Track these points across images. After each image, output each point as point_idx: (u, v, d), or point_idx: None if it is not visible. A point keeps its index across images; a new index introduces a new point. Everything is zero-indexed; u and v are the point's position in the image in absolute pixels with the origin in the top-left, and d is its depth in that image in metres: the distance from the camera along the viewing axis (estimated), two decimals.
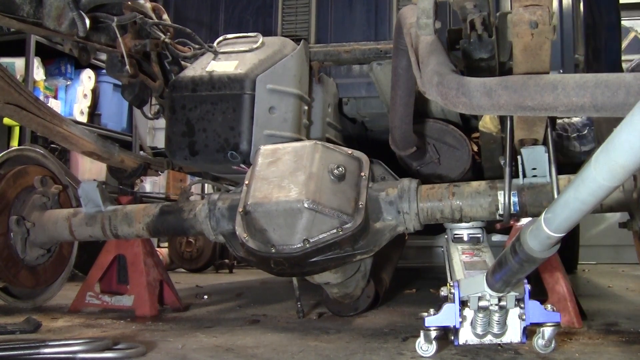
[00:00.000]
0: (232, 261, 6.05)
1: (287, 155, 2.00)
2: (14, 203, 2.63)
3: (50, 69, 5.13)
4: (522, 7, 1.48)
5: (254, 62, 2.50)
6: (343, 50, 2.90)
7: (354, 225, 1.87)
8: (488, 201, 2.03)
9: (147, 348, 1.77)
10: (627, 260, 6.70)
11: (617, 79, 1.21)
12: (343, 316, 2.58)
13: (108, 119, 5.69)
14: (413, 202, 2.03)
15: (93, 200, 2.53)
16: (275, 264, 1.91)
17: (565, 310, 2.22)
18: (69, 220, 2.57)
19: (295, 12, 3.20)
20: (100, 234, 2.52)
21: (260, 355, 1.76)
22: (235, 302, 3.24)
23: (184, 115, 2.50)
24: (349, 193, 1.94)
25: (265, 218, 1.85)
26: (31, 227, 2.63)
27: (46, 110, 2.56)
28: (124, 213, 2.49)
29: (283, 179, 1.91)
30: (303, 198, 1.81)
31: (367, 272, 2.33)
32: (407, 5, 2.15)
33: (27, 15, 2.03)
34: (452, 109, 1.39)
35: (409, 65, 1.82)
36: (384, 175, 2.19)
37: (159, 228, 2.42)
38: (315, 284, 2.25)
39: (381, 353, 1.78)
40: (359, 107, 3.26)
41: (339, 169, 1.92)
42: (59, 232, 2.60)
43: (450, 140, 2.81)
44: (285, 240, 1.86)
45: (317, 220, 1.83)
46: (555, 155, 2.00)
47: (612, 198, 1.99)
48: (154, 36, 2.62)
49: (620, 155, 0.86)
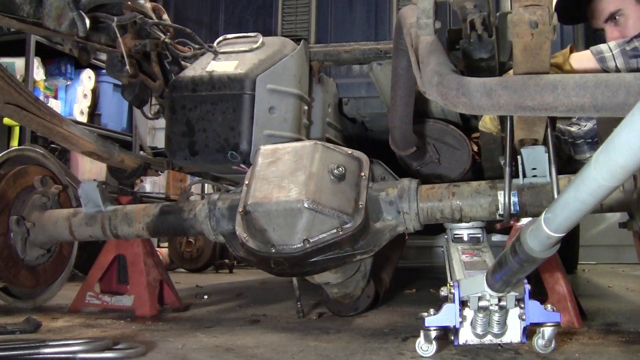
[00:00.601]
0: (232, 261, 6.05)
1: (287, 155, 2.00)
2: (14, 203, 2.63)
3: (50, 69, 5.12)
4: (522, 7, 1.48)
5: (254, 62, 2.50)
6: (343, 50, 2.90)
7: (354, 225, 1.87)
8: (488, 201, 2.03)
9: (147, 348, 1.77)
10: (627, 260, 6.70)
11: (617, 79, 1.21)
12: (343, 316, 2.58)
13: (108, 119, 5.69)
14: (413, 202, 2.02)
15: (93, 200, 2.54)
16: (275, 264, 1.91)
17: (565, 310, 2.22)
18: (69, 220, 2.57)
19: (295, 12, 3.21)
20: (100, 234, 2.53)
21: (260, 355, 1.76)
22: (235, 302, 3.24)
23: (184, 115, 2.50)
24: (349, 193, 1.94)
25: (265, 218, 1.85)
26: (31, 227, 2.63)
27: (46, 110, 2.56)
28: (124, 213, 2.49)
29: (283, 179, 1.91)
30: (303, 198, 1.81)
31: (367, 272, 2.33)
32: (407, 5, 2.15)
33: (27, 15, 2.03)
34: (452, 109, 1.39)
35: (409, 65, 1.82)
36: (384, 175, 2.18)
37: (159, 228, 2.43)
38: (315, 284, 2.25)
39: (381, 353, 1.78)
40: (359, 107, 3.26)
41: (339, 169, 1.92)
42: (59, 232, 2.60)
43: (450, 140, 2.81)
44: (285, 240, 1.86)
45: (317, 220, 1.83)
46: (555, 155, 2.00)
47: (612, 198, 1.99)
48: (154, 36, 2.62)
49: (620, 155, 0.86)
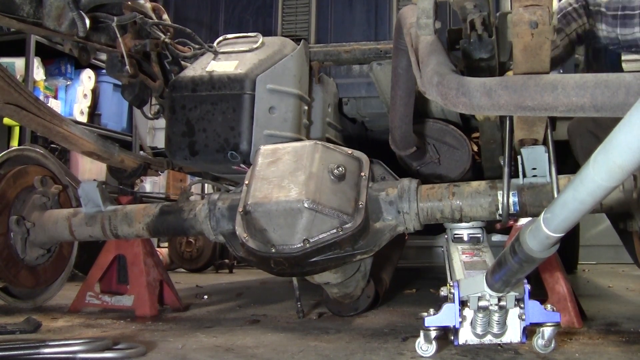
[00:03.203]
0: (232, 261, 6.05)
1: (287, 155, 2.00)
2: (14, 203, 2.63)
3: (50, 69, 5.12)
4: (522, 7, 1.48)
5: (254, 62, 2.50)
6: (343, 50, 2.90)
7: (354, 225, 1.87)
8: (488, 201, 2.03)
9: (147, 348, 1.77)
10: (627, 260, 6.64)
11: (617, 79, 1.21)
12: (343, 316, 2.58)
13: (108, 119, 5.69)
14: (413, 202, 2.02)
15: (93, 200, 2.54)
16: (275, 264, 1.91)
17: (565, 310, 2.22)
18: (69, 220, 2.57)
19: (295, 12, 3.20)
20: (100, 234, 2.53)
21: (260, 355, 1.76)
22: (235, 302, 3.24)
23: (184, 115, 2.50)
24: (349, 193, 1.94)
25: (265, 218, 1.85)
26: (31, 227, 2.63)
27: (46, 110, 2.56)
28: (124, 213, 2.49)
29: (283, 179, 1.91)
30: (303, 198, 1.81)
31: (367, 272, 2.33)
32: (407, 5, 2.15)
33: (27, 15, 2.03)
34: (452, 109, 1.39)
35: (409, 65, 1.82)
36: (384, 175, 2.18)
37: (159, 228, 2.43)
38: (315, 284, 2.25)
39: (381, 353, 1.78)
40: (359, 107, 3.26)
41: (339, 168, 1.92)
42: (59, 232, 2.60)
43: (450, 140, 2.81)
44: (285, 240, 1.86)
45: (317, 220, 1.83)
46: (555, 155, 2.00)
47: (611, 198, 1.99)
48: (154, 36, 2.62)
49: (619, 155, 0.86)
